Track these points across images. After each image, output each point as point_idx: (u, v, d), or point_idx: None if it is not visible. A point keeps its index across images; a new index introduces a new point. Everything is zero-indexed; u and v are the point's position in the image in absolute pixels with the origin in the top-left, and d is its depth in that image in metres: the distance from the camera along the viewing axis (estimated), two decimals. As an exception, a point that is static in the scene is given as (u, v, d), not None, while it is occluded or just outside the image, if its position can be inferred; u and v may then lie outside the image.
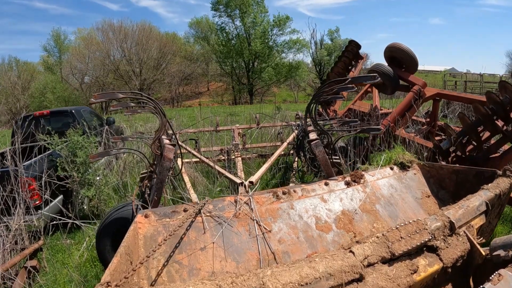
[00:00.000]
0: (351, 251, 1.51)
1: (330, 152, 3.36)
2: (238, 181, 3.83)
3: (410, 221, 1.70)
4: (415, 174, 2.67)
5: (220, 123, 7.49)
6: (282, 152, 6.07)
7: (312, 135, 3.19)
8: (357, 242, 1.62)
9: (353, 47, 7.05)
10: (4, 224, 3.24)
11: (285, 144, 5.73)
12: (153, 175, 3.33)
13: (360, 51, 7.32)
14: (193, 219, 1.91)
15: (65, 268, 3.39)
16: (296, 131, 5.56)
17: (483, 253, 1.75)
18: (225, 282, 1.29)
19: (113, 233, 3.13)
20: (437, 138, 4.49)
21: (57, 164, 4.62)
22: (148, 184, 3.24)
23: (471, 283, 1.83)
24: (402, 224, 1.67)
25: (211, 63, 35.73)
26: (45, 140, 4.92)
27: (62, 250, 3.89)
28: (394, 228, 1.66)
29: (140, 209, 2.95)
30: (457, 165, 3.98)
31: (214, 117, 8.00)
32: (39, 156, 4.60)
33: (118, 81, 28.67)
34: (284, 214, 2.09)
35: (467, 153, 4.06)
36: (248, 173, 5.30)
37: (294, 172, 5.15)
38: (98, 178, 4.97)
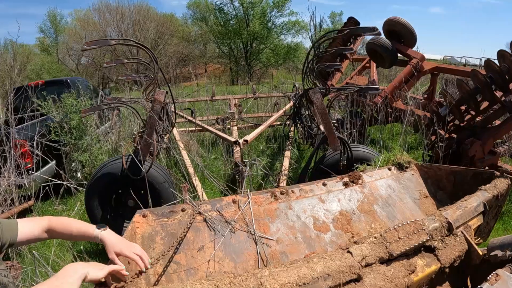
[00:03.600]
0: (349, 252, 1.51)
1: (329, 104, 3.30)
2: (232, 139, 3.86)
3: (408, 222, 1.70)
4: (413, 174, 2.67)
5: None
6: (278, 123, 6.06)
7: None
8: (355, 242, 1.62)
9: (352, 23, 6.96)
10: None
11: (281, 111, 5.72)
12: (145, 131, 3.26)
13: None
14: (191, 219, 1.90)
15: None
16: (293, 101, 5.53)
17: (481, 253, 1.76)
18: (223, 282, 1.29)
19: (102, 187, 3.06)
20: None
21: (51, 128, 4.56)
22: (140, 140, 3.21)
23: (469, 283, 1.83)
24: (400, 225, 1.68)
25: (209, 44, 35.40)
26: (39, 105, 4.86)
27: (54, 215, 3.87)
28: (392, 228, 1.66)
29: (130, 160, 2.91)
30: (454, 134, 3.96)
31: (210, 87, 7.94)
32: (33, 120, 4.58)
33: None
34: (282, 215, 2.09)
35: (465, 122, 4.02)
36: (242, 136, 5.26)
37: (290, 141, 5.12)
38: (94, 146, 4.92)
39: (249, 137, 3.72)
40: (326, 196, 2.29)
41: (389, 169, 2.65)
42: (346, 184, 2.40)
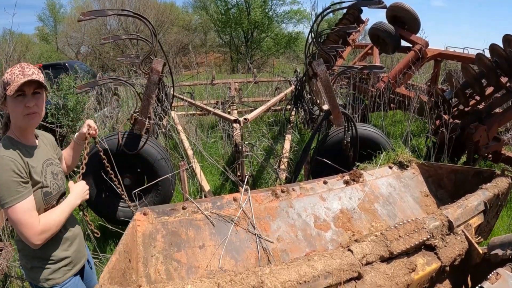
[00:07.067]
0: (349, 250, 1.51)
1: (333, 82, 3.22)
2: (232, 118, 3.76)
3: (409, 220, 1.70)
4: (413, 173, 2.67)
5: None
6: (279, 107, 5.97)
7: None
8: (355, 240, 1.62)
9: (354, 10, 6.85)
10: None
11: (282, 94, 5.79)
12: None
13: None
14: (192, 217, 1.91)
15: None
16: (294, 84, 5.45)
17: (481, 252, 1.76)
18: (224, 280, 1.29)
19: (97, 165, 2.90)
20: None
21: (47, 110, 4.54)
22: (137, 118, 3.12)
23: (469, 282, 1.84)
24: (400, 223, 1.68)
25: (209, 33, 35.07)
26: None
27: None
28: (393, 227, 1.66)
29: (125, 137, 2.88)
30: (458, 120, 3.96)
31: (210, 72, 7.88)
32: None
33: (115, 50, 28.33)
34: (283, 213, 2.09)
35: (469, 107, 4.01)
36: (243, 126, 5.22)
37: (291, 125, 5.07)
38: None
39: (249, 116, 3.59)
40: (327, 194, 2.29)
41: (390, 168, 2.65)
42: (347, 183, 2.40)
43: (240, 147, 3.39)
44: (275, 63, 33.18)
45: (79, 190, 1.62)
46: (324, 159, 2.98)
